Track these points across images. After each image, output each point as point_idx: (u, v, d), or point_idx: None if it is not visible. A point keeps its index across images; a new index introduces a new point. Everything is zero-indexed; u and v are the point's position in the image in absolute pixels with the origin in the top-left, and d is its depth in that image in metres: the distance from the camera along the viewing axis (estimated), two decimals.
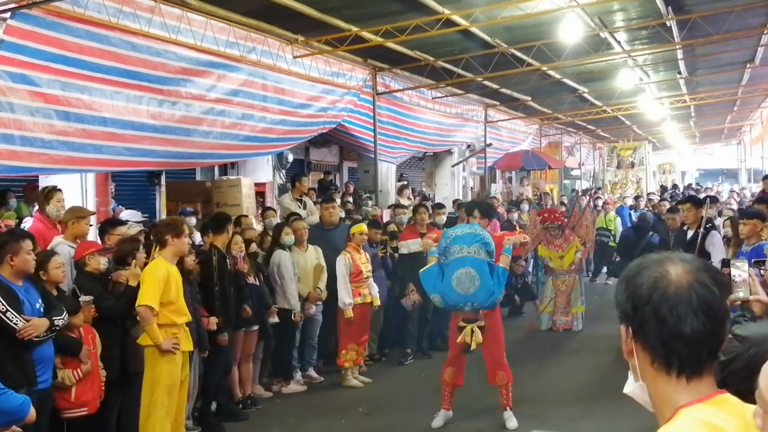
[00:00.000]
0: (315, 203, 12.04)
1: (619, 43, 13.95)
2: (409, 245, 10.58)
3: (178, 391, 6.50)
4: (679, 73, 17.66)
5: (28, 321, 5.34)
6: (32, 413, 3.87)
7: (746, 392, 1.62)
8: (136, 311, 6.39)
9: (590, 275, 18.54)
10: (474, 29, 11.91)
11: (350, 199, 14.80)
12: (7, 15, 7.12)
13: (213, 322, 7.66)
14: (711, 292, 1.63)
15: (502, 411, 7.73)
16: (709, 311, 1.61)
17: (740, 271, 3.53)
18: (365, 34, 11.43)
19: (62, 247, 6.86)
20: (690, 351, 1.61)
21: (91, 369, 6.17)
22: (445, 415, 7.78)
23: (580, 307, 12.77)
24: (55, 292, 6.06)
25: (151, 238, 7.94)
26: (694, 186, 31.27)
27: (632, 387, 1.75)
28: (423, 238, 10.55)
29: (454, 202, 14.07)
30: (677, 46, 14.19)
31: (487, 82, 16.33)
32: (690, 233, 9.27)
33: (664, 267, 1.67)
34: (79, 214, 7.22)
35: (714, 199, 13.94)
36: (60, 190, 7.64)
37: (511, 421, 7.64)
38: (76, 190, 8.82)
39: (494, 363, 7.79)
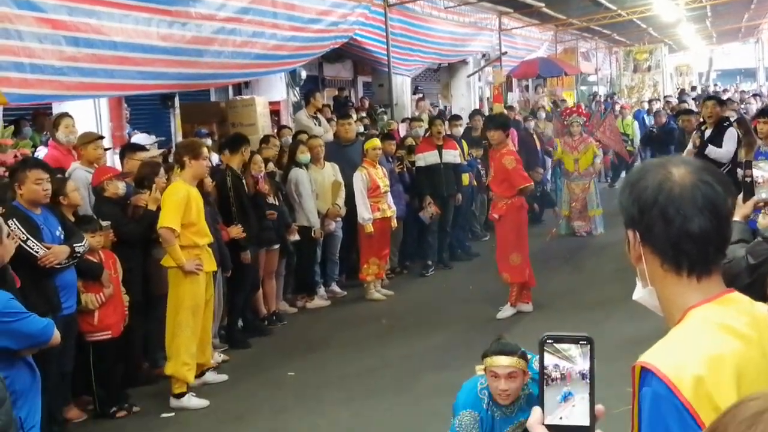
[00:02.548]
0: (329, 120, 11.95)
1: None
2: (426, 158, 10.54)
3: (202, 311, 6.57)
4: None
5: (48, 248, 5.38)
6: (56, 336, 3.93)
7: None
8: (158, 234, 6.43)
9: (609, 180, 18.50)
10: None
11: (364, 114, 14.67)
12: None
13: (233, 231, 7.63)
14: (714, 191, 1.63)
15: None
16: (714, 209, 1.62)
17: (763, 171, 3.48)
18: None
19: (79, 172, 6.85)
20: (698, 249, 1.62)
21: (113, 293, 6.23)
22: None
23: (596, 210, 12.74)
24: (72, 218, 6.09)
25: (169, 160, 7.95)
26: (713, 87, 30.75)
27: (641, 293, 1.76)
28: (441, 150, 10.56)
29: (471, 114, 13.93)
30: None
31: None
32: (708, 132, 9.18)
33: (667, 169, 1.67)
34: (87, 138, 7.18)
35: (729, 101, 13.78)
36: (70, 116, 7.58)
37: (503, 312, 8.30)
38: (90, 116, 8.77)
39: (498, 260, 8.60)
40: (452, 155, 10.70)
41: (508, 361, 3.77)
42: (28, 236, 5.27)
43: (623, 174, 18.13)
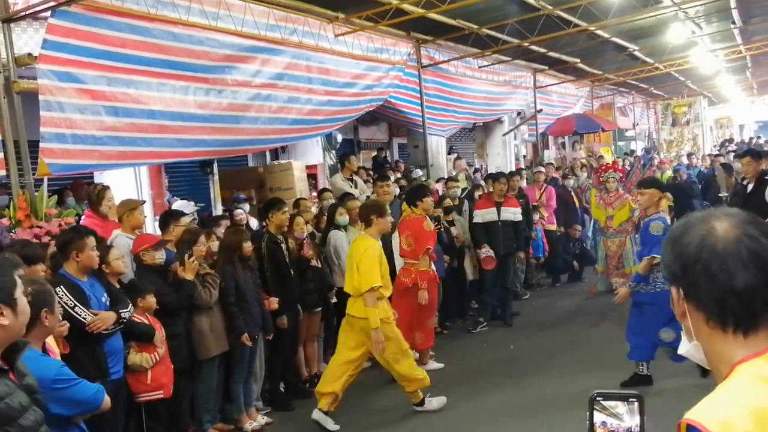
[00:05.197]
0: (366, 182, 12.01)
1: None
2: (483, 215, 10.53)
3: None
4: (733, 22, 17.08)
5: (96, 315, 5.49)
6: (107, 401, 3.96)
7: None
8: (363, 295, 6.91)
9: None
10: None
11: (398, 176, 14.70)
12: (48, 14, 7.19)
13: (273, 302, 7.68)
14: (760, 244, 1.61)
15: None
16: (759, 263, 1.59)
17: None
18: (406, 6, 11.30)
19: (121, 239, 6.91)
20: (744, 305, 1.59)
21: (164, 355, 6.28)
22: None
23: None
24: (118, 285, 6.16)
25: (206, 225, 8.00)
26: (757, 140, 30.38)
27: (687, 347, 1.75)
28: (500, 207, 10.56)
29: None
30: None
31: (534, 47, 16.03)
32: (750, 187, 9.11)
33: (710, 224, 1.65)
34: (130, 206, 7.25)
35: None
36: (108, 188, 7.71)
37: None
38: (130, 184, 8.93)
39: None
40: (512, 213, 10.69)
41: None
42: (76, 303, 5.40)
43: None
